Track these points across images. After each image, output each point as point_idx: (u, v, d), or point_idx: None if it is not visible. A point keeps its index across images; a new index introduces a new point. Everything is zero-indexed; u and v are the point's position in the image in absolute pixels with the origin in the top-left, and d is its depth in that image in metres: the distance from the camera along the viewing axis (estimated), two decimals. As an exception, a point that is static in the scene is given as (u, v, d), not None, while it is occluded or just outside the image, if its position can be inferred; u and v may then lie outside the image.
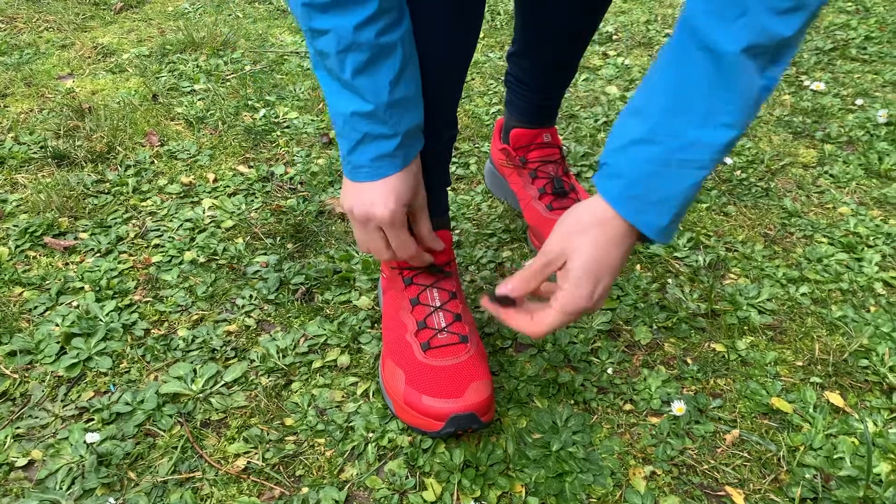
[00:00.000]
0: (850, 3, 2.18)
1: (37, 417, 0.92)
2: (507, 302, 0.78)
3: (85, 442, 0.88)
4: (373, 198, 0.80)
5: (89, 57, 1.91)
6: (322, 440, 0.90)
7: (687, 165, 0.64)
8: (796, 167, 1.42)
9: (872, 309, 1.08)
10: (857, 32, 1.99)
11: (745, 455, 0.87)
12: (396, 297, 0.97)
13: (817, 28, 2.03)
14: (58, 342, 1.03)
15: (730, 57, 0.60)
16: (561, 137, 1.51)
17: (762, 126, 1.56)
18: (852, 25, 2.03)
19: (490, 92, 1.73)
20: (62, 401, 0.95)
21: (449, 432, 0.85)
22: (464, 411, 0.85)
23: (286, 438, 0.90)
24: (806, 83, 1.73)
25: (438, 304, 0.94)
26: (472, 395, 0.86)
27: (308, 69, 1.84)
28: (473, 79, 1.81)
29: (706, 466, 0.86)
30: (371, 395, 0.96)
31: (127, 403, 0.94)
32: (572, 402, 0.95)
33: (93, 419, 0.92)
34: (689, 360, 1.01)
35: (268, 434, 0.90)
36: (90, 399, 0.95)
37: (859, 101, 1.64)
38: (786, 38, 0.60)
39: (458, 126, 1.48)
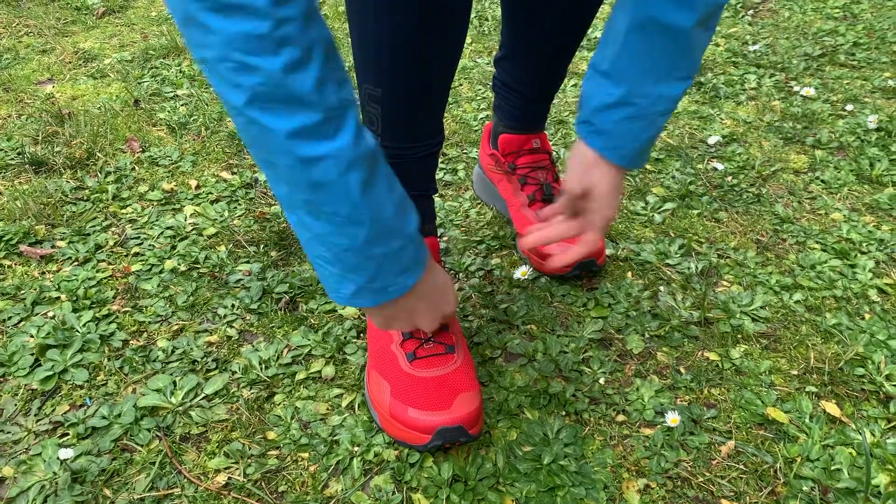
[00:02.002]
0: (837, 10, 2.18)
1: (9, 432, 0.89)
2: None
3: (58, 458, 0.84)
4: (436, 302, 0.79)
5: (70, 62, 1.88)
6: (306, 454, 0.87)
7: (655, 115, 0.80)
8: (787, 173, 1.41)
9: (867, 316, 1.07)
10: (846, 38, 1.98)
11: (741, 467, 0.85)
12: None
13: (805, 34, 2.03)
14: (32, 354, 0.99)
15: (686, 31, 0.73)
16: (550, 143, 1.49)
17: (752, 132, 1.55)
18: (840, 31, 2.03)
19: (478, 97, 1.71)
20: (35, 415, 0.92)
21: (436, 445, 0.83)
22: (451, 424, 0.83)
23: (268, 453, 0.87)
24: (795, 89, 1.72)
25: None
26: (460, 407, 0.84)
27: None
28: (461, 84, 1.79)
29: (701, 479, 0.84)
30: (356, 407, 0.93)
31: (103, 417, 0.91)
32: (564, 413, 0.92)
33: (67, 434, 0.89)
34: (683, 370, 0.99)
35: (249, 448, 0.87)
36: (65, 413, 0.92)
37: (849, 107, 1.63)
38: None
39: (446, 132, 1.46)
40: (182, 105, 1.65)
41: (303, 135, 0.60)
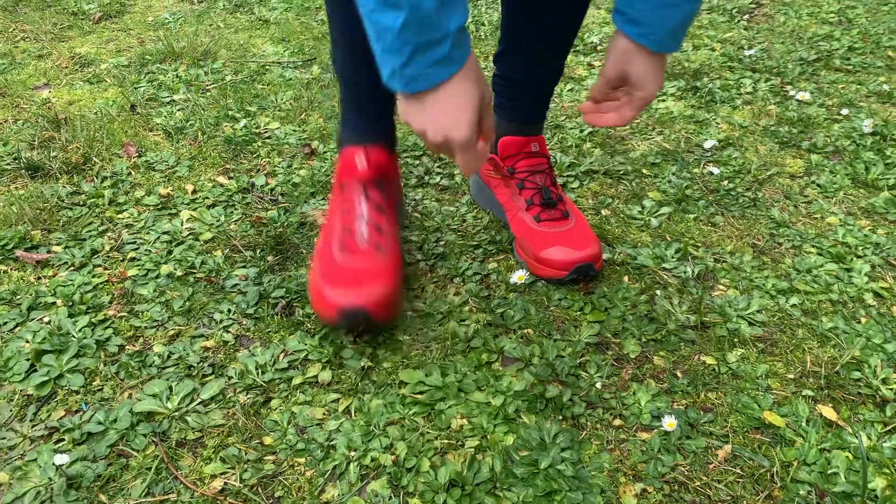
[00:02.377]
0: (832, 15, 2.19)
1: (4, 438, 0.89)
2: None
3: (54, 464, 0.84)
4: (446, 118, 0.80)
5: (66, 67, 1.88)
6: (302, 460, 0.87)
7: (682, 1, 0.85)
8: (783, 177, 1.41)
9: (863, 320, 1.07)
10: (841, 43, 1.99)
11: (738, 471, 0.85)
12: (337, 201, 1.09)
13: (801, 39, 2.04)
14: (28, 359, 0.99)
15: None
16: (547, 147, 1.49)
17: (748, 136, 1.55)
18: (835, 36, 2.03)
19: (474, 102, 1.71)
20: (31, 420, 0.91)
21: (340, 324, 0.97)
22: (353, 305, 0.96)
23: (265, 458, 0.87)
24: (791, 93, 1.73)
25: (365, 214, 1.06)
26: (367, 292, 0.97)
27: (290, 79, 1.82)
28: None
29: (698, 483, 0.84)
30: (353, 412, 0.93)
31: (99, 423, 0.90)
32: (560, 417, 0.92)
33: (63, 440, 0.89)
34: (679, 374, 0.99)
35: (246, 454, 0.87)
36: (61, 419, 0.91)
37: (844, 111, 1.63)
38: None
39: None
40: (178, 110, 1.65)
41: None
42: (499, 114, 1.21)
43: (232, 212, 1.31)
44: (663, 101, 1.71)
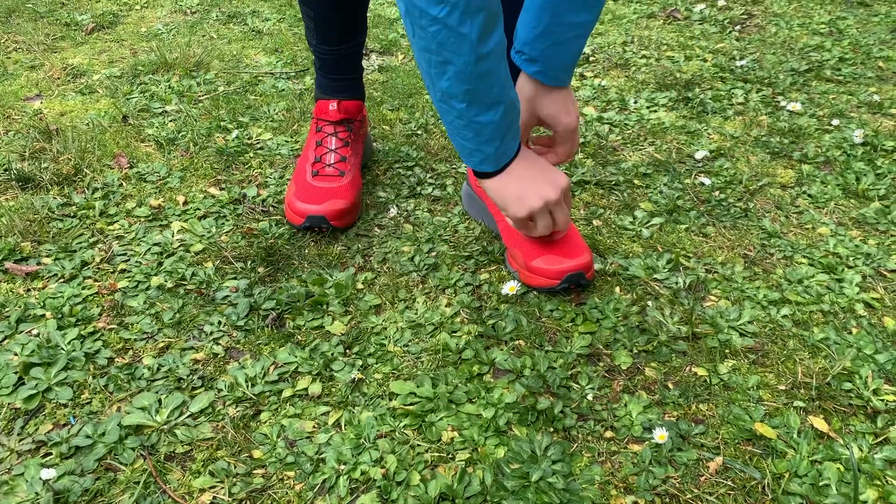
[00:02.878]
0: (823, 26, 2.20)
1: (-9, 452, 0.88)
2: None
3: (41, 478, 0.83)
4: (547, 177, 1.03)
5: (59, 78, 1.88)
6: (292, 473, 0.86)
7: (577, 37, 1.01)
8: (775, 187, 1.42)
9: (854, 331, 1.07)
10: (832, 54, 2.00)
11: (730, 483, 0.85)
12: (312, 137, 1.35)
13: (792, 49, 2.05)
14: (16, 372, 0.98)
15: None
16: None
17: (740, 147, 1.56)
18: (826, 47, 2.04)
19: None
20: (18, 434, 0.91)
21: (306, 226, 1.23)
22: (317, 213, 1.22)
23: (254, 472, 0.86)
24: (782, 104, 1.73)
25: (333, 147, 1.32)
26: (329, 205, 1.24)
27: (282, 90, 1.82)
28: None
29: (689, 496, 0.83)
30: (343, 425, 0.92)
31: (87, 436, 0.90)
32: (552, 429, 0.92)
33: (50, 453, 0.88)
34: (671, 385, 0.98)
35: (235, 467, 0.87)
36: (48, 432, 0.91)
37: (835, 122, 1.64)
38: None
39: (435, 148, 1.47)
40: (171, 121, 1.65)
41: (484, 34, 0.84)
42: None
43: (223, 223, 1.30)
44: (655, 111, 1.72)
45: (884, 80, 1.86)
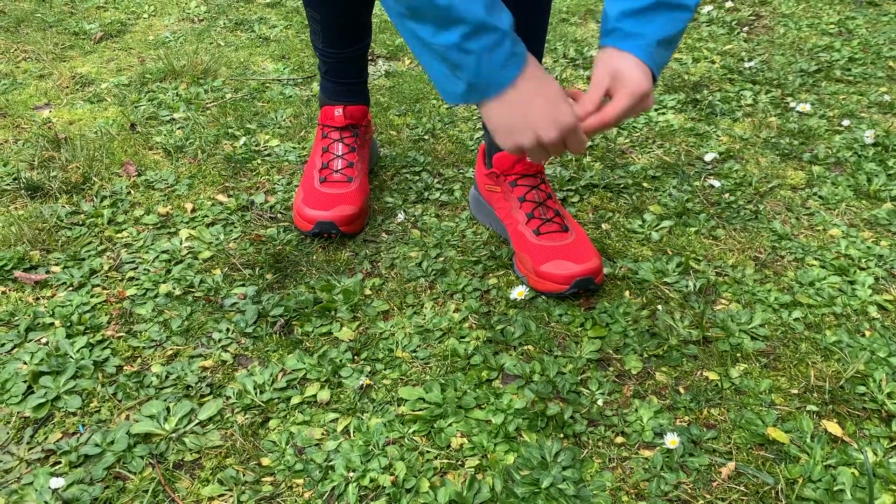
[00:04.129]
0: (832, 26, 2.19)
1: (0, 462, 0.88)
2: None
3: (50, 487, 0.83)
4: (547, 110, 0.84)
5: (67, 87, 1.89)
6: (300, 481, 0.86)
7: (678, 20, 0.89)
8: (785, 189, 1.41)
9: (867, 333, 1.06)
10: (841, 54, 1.99)
11: (742, 489, 0.84)
12: (319, 143, 1.34)
13: (801, 50, 2.03)
14: (25, 381, 0.98)
15: None
16: (545, 162, 1.48)
17: (749, 148, 1.55)
18: (836, 47, 2.03)
19: (474, 117, 1.71)
20: (28, 443, 0.91)
21: (315, 232, 1.24)
22: (326, 219, 1.23)
23: (263, 479, 0.86)
24: (792, 105, 1.72)
25: (340, 153, 1.31)
26: (337, 211, 1.24)
27: (290, 96, 1.82)
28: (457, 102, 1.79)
29: (702, 502, 0.82)
30: (352, 432, 0.92)
31: (96, 445, 0.89)
32: (562, 435, 0.91)
33: (60, 462, 0.88)
34: (682, 390, 0.97)
35: (243, 475, 0.86)
36: (58, 441, 0.91)
37: (846, 122, 1.63)
38: None
39: (442, 152, 1.47)
40: (178, 128, 1.65)
41: None
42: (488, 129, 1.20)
43: (231, 230, 1.30)
44: (663, 114, 1.71)
45: (894, 80, 1.85)
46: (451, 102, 0.87)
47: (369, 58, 2.05)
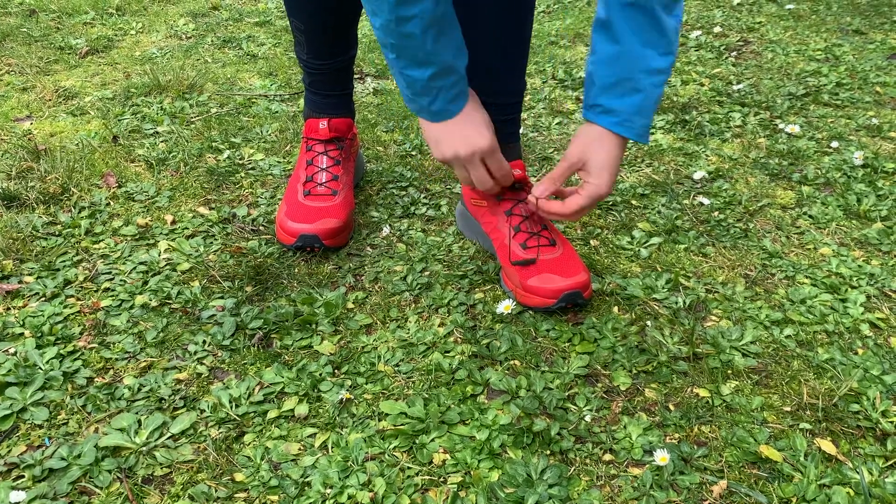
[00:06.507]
0: (819, 52, 2.20)
1: (-41, 475, 0.84)
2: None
3: (10, 501, 0.79)
4: (468, 133, 1.00)
5: (50, 100, 1.86)
6: (275, 497, 0.82)
7: (654, 85, 0.96)
8: (774, 208, 1.39)
9: (860, 351, 1.04)
10: (829, 79, 1.99)
11: (735, 508, 0.81)
12: (303, 156, 1.32)
13: (789, 74, 2.04)
14: (-10, 392, 0.94)
15: (652, 10, 0.91)
16: (534, 180, 1.46)
17: (738, 168, 1.54)
18: (823, 72, 2.04)
19: (462, 134, 1.69)
20: (-10, 456, 0.86)
21: (298, 246, 1.22)
22: (309, 232, 1.20)
23: (236, 495, 0.82)
24: (780, 126, 1.72)
25: (325, 166, 1.29)
26: (321, 224, 1.21)
27: (276, 112, 1.80)
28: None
29: (693, 521, 0.79)
30: (330, 447, 0.88)
31: (62, 458, 0.86)
32: (548, 452, 0.88)
33: (23, 476, 0.84)
34: (672, 406, 0.95)
35: (216, 491, 0.82)
36: (21, 454, 0.87)
37: (834, 144, 1.62)
38: None
39: (429, 168, 1.45)
40: (162, 142, 1.63)
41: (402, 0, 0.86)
42: None
43: (211, 242, 1.27)
44: (652, 133, 1.70)
45: (881, 104, 1.85)
46: (418, 115, 1.02)
47: (357, 75, 2.04)
